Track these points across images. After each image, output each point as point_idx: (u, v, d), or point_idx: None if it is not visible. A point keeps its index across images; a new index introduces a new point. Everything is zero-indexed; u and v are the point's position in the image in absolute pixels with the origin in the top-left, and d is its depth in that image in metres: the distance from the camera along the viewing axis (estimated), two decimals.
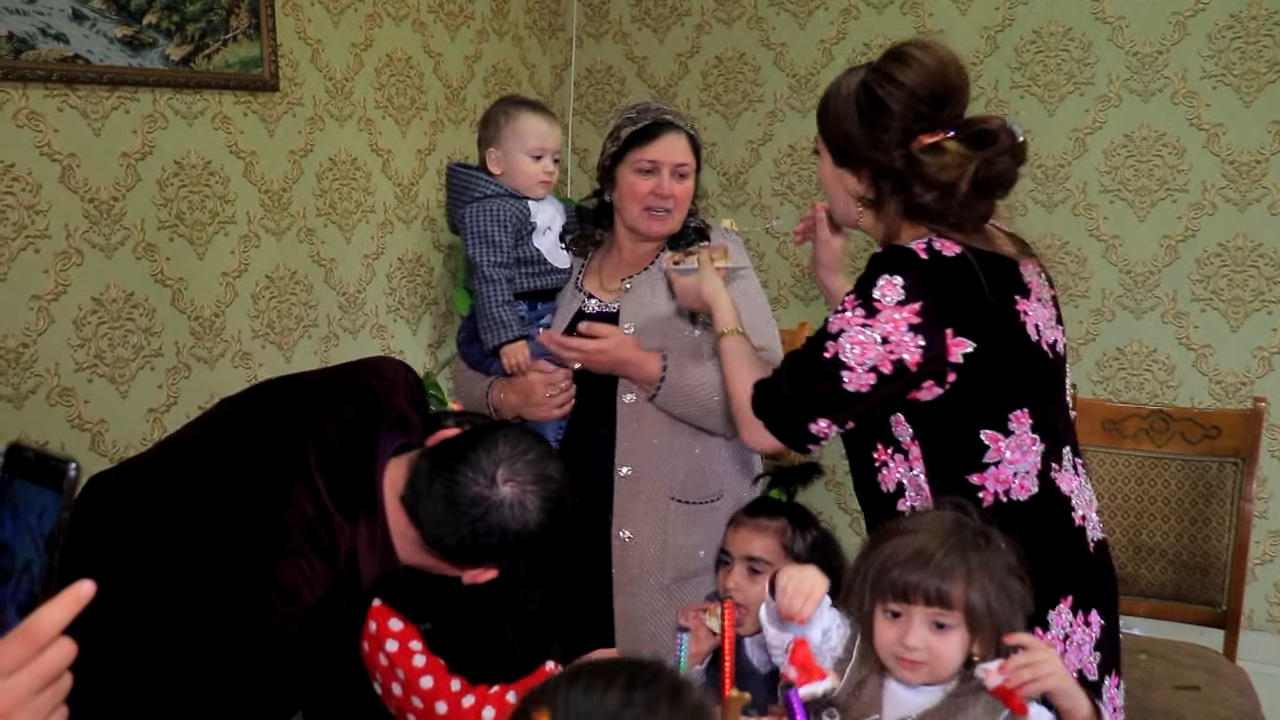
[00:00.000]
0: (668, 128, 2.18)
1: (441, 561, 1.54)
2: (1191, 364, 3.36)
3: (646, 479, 2.15)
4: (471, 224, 2.15)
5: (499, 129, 2.20)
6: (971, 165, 1.56)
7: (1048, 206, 3.47)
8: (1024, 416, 1.59)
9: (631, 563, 2.16)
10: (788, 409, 1.63)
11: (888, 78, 1.60)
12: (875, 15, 3.61)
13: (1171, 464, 2.59)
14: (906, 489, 1.65)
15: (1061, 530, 1.64)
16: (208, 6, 2.75)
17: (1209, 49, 3.21)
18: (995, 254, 1.61)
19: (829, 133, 1.70)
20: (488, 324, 2.16)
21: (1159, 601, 2.58)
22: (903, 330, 1.54)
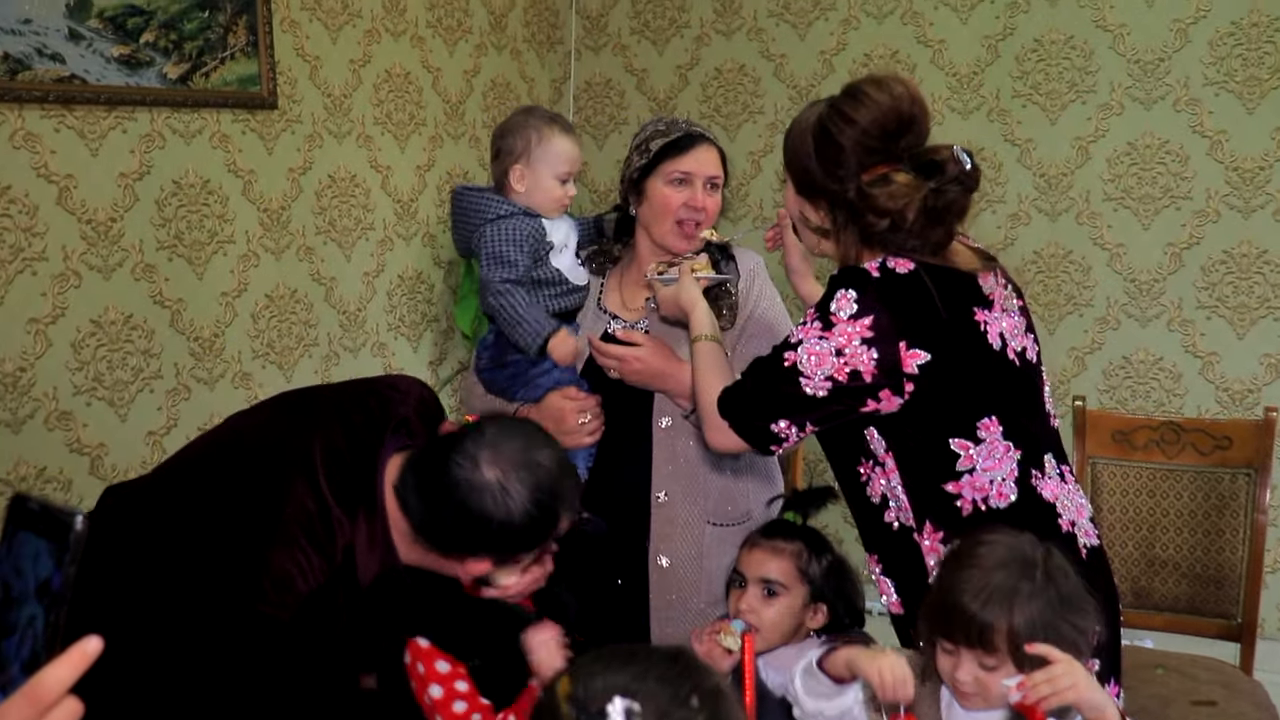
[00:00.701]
0: (700, 140, 2.17)
1: (433, 553, 1.54)
2: (1198, 371, 3.34)
3: (682, 503, 2.13)
4: (488, 244, 2.10)
5: (529, 146, 2.13)
6: (920, 194, 1.63)
7: (1051, 215, 3.45)
8: (993, 424, 1.64)
9: (669, 589, 2.14)
10: (751, 409, 1.70)
11: (841, 115, 1.67)
12: (875, 26, 3.60)
13: (1183, 476, 2.56)
14: (890, 500, 1.70)
15: (1048, 537, 1.64)
16: (205, 24, 2.73)
17: (1211, 56, 3.20)
18: (950, 268, 1.66)
19: (789, 164, 1.78)
20: (521, 330, 2.09)
21: (1173, 615, 2.56)
22: (855, 343, 1.60)
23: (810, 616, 1.82)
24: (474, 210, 2.15)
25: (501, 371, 2.20)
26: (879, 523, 1.73)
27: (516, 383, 2.18)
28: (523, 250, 2.10)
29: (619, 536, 2.11)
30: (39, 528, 0.75)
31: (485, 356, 2.22)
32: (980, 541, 1.50)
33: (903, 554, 1.71)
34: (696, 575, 2.14)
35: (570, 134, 2.18)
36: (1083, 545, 1.70)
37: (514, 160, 2.13)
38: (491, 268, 2.10)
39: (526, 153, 2.14)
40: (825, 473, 3.70)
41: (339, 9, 3.15)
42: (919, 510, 1.67)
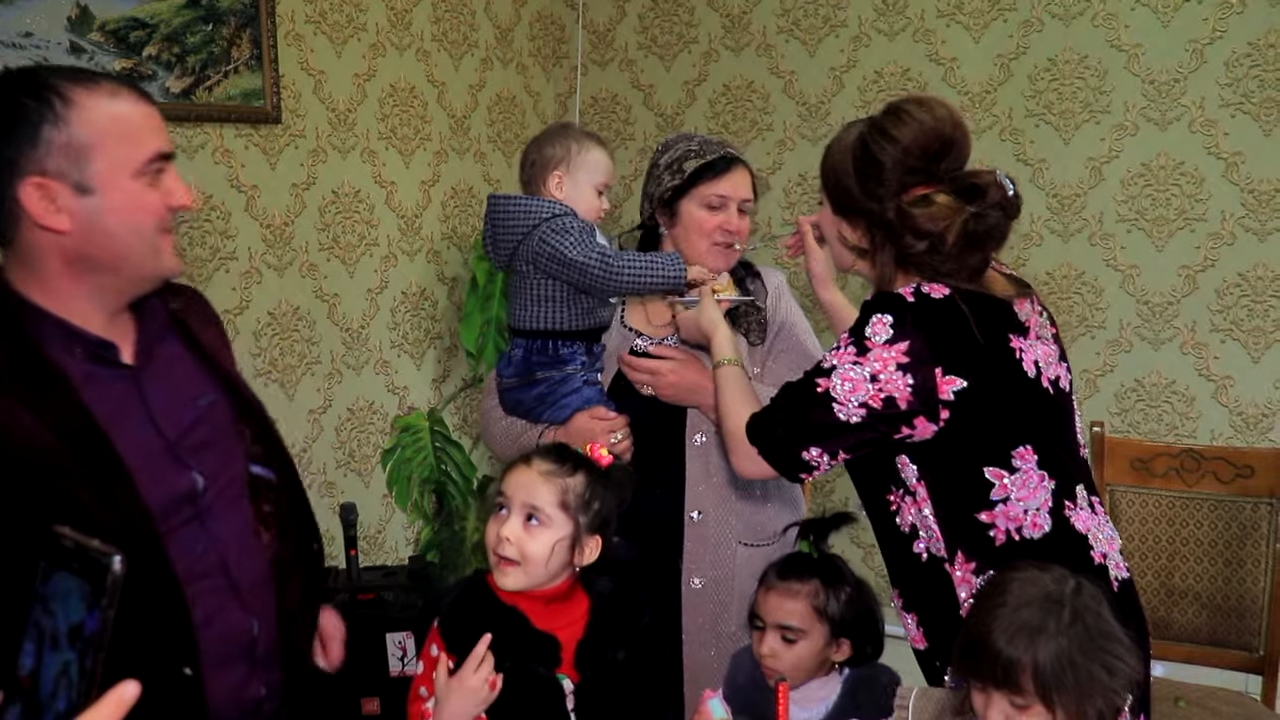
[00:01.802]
0: (735, 163, 2.17)
1: None
2: (1211, 395, 3.30)
3: (715, 523, 2.11)
4: (563, 235, 2.01)
5: (570, 154, 2.10)
6: (960, 217, 1.60)
7: (1064, 236, 3.41)
8: (1028, 453, 1.61)
9: (702, 611, 2.12)
10: (782, 436, 1.68)
11: (883, 133, 1.66)
12: (886, 43, 3.56)
13: (1203, 504, 2.51)
14: (920, 531, 1.67)
15: (1080, 569, 1.60)
16: (208, 38, 2.69)
17: (1227, 77, 3.16)
18: (986, 294, 1.64)
19: (827, 183, 1.76)
20: (659, 271, 2.03)
21: (1193, 646, 2.50)
22: (891, 369, 1.58)
23: (834, 651, 1.77)
24: (522, 213, 2.06)
25: (529, 391, 2.13)
26: (907, 553, 1.69)
27: (544, 403, 2.13)
28: (593, 238, 2.05)
29: (652, 558, 2.09)
30: (73, 566, 0.71)
31: (510, 373, 2.13)
32: (1010, 577, 1.45)
33: (931, 585, 1.67)
34: (728, 597, 2.11)
35: (607, 149, 2.18)
36: (1114, 578, 1.67)
37: (554, 167, 2.09)
38: (584, 249, 2.01)
39: (567, 159, 2.10)
40: (834, 494, 3.66)
41: (344, 22, 3.11)
42: (951, 540, 1.63)
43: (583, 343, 2.11)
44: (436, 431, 3.25)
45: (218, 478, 1.47)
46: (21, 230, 1.33)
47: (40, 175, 1.30)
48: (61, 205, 1.32)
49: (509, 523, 1.63)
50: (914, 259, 1.64)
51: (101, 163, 1.32)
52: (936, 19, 3.49)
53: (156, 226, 1.39)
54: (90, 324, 1.39)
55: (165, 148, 1.40)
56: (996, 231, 1.64)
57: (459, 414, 3.62)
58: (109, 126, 1.33)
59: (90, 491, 1.31)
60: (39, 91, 1.31)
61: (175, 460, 1.42)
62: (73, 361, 1.36)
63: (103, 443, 1.34)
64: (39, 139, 1.30)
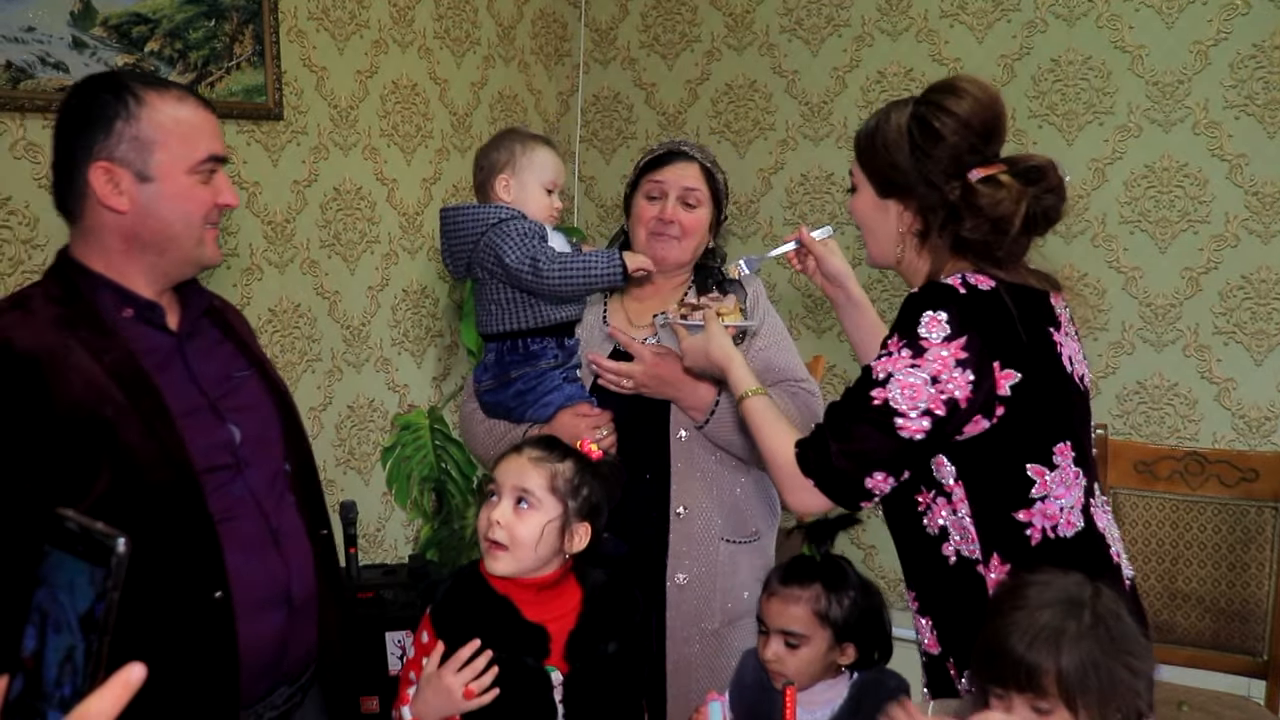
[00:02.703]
0: (680, 155, 2.16)
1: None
2: (1214, 398, 3.29)
3: (698, 519, 2.10)
4: (504, 240, 2.00)
5: (514, 157, 2.09)
6: (1025, 201, 1.56)
7: (1066, 237, 3.40)
8: (1067, 449, 1.58)
9: (686, 608, 2.10)
10: (840, 466, 1.56)
11: (941, 108, 1.59)
12: (890, 43, 3.55)
13: (1207, 508, 2.50)
14: (951, 532, 1.61)
15: (1105, 568, 1.62)
16: (211, 34, 2.68)
17: (1231, 79, 3.16)
18: (1027, 286, 1.60)
19: (875, 164, 1.67)
20: (595, 270, 1.99)
21: (1196, 650, 2.49)
22: (951, 366, 1.51)
23: (839, 655, 1.76)
24: (471, 222, 2.05)
25: (506, 390, 2.12)
26: (934, 555, 1.62)
27: (525, 401, 2.11)
28: (536, 241, 2.03)
29: (637, 554, 2.06)
30: (77, 549, 0.70)
31: (486, 378, 2.13)
32: (1027, 581, 1.43)
33: (959, 589, 1.61)
34: (711, 593, 2.10)
35: (554, 148, 2.14)
36: (1126, 577, 1.66)
37: (500, 171, 2.07)
38: (521, 254, 1.98)
39: (512, 162, 2.08)
40: None
41: (346, 19, 3.10)
42: (987, 541, 1.58)
43: (552, 338, 2.10)
44: (436, 430, 3.24)
45: (253, 436, 1.61)
46: (87, 208, 1.50)
47: (109, 161, 1.47)
48: (123, 189, 1.48)
49: (499, 507, 1.64)
50: (970, 243, 1.58)
51: (162, 156, 1.49)
52: (940, 19, 3.48)
53: (203, 218, 1.54)
54: (141, 294, 1.55)
55: (219, 151, 1.57)
56: (1053, 213, 1.60)
57: (459, 412, 3.60)
58: (172, 126, 1.50)
59: (136, 430, 1.44)
60: (117, 90, 1.49)
61: (215, 414, 1.57)
62: (124, 321, 1.52)
63: (151, 388, 1.49)
64: (112, 130, 1.47)
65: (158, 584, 1.44)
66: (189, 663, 1.48)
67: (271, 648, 1.58)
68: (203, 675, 1.50)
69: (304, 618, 1.63)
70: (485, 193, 2.10)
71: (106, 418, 1.43)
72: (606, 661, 1.63)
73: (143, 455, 1.44)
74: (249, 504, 1.57)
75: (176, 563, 1.46)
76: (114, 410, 1.44)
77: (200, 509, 1.49)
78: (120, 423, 1.44)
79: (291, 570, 1.61)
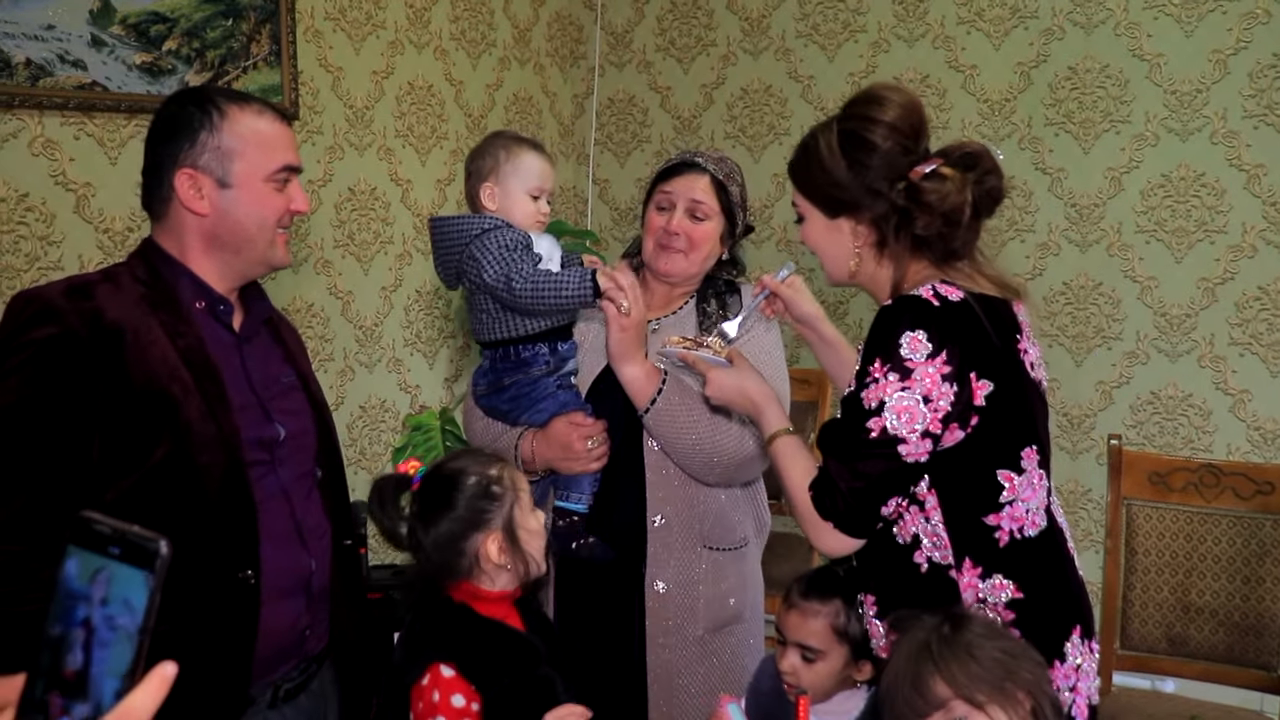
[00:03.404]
0: (691, 167, 2.13)
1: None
2: (1229, 409, 3.27)
3: (678, 528, 2.08)
4: (483, 253, 2.00)
5: (498, 163, 2.06)
6: (968, 187, 1.59)
7: (1081, 246, 3.39)
8: (1032, 454, 1.61)
9: (666, 615, 2.09)
10: (852, 504, 1.57)
11: (868, 119, 1.62)
12: (906, 49, 3.54)
13: (1222, 520, 2.49)
14: (923, 540, 1.62)
15: (1065, 561, 1.67)
16: (228, 33, 2.68)
17: (1250, 88, 3.14)
18: (991, 296, 1.62)
19: (816, 187, 1.68)
20: (566, 291, 1.96)
21: (1209, 664, 2.47)
22: (939, 383, 1.53)
23: (856, 671, 1.75)
24: (455, 232, 2.04)
25: (500, 395, 2.11)
26: (905, 563, 1.64)
27: (519, 406, 2.10)
28: (519, 252, 2.01)
29: (613, 562, 2.08)
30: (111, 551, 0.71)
31: (483, 383, 2.13)
32: (895, 643, 1.48)
33: (928, 595, 1.62)
34: (694, 601, 2.08)
35: (541, 152, 2.11)
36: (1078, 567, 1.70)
37: (484, 179, 2.06)
38: (499, 268, 1.97)
39: (495, 170, 2.06)
40: None
41: (363, 19, 3.10)
42: (959, 547, 1.60)
43: (545, 344, 2.08)
44: (448, 431, 3.24)
45: (292, 439, 1.71)
46: (171, 209, 1.63)
47: (192, 168, 1.60)
48: (205, 194, 1.61)
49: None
50: (929, 240, 1.61)
51: (241, 165, 1.61)
52: (957, 25, 3.47)
53: (276, 223, 1.66)
54: (215, 288, 1.67)
55: (294, 162, 1.68)
56: (996, 193, 1.62)
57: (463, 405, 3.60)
58: (252, 137, 1.62)
59: (197, 411, 1.56)
60: (203, 103, 1.62)
61: (264, 412, 1.68)
62: (196, 311, 1.64)
63: (215, 376, 1.60)
64: (197, 140, 1.60)
65: (194, 559, 1.53)
66: (212, 637, 1.57)
67: (290, 634, 1.67)
68: (222, 651, 1.59)
69: (322, 608, 1.73)
70: (473, 202, 2.10)
71: (173, 394, 1.55)
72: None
73: (198, 435, 1.56)
74: (279, 498, 1.66)
75: (214, 541, 1.57)
76: (180, 389, 1.56)
77: (244, 492, 1.60)
78: (184, 401, 1.55)
79: (314, 563, 1.70)
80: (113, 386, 1.52)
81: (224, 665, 1.60)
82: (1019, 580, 1.58)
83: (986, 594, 1.58)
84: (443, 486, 1.68)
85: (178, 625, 1.50)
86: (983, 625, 1.44)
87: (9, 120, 2.28)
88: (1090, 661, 1.66)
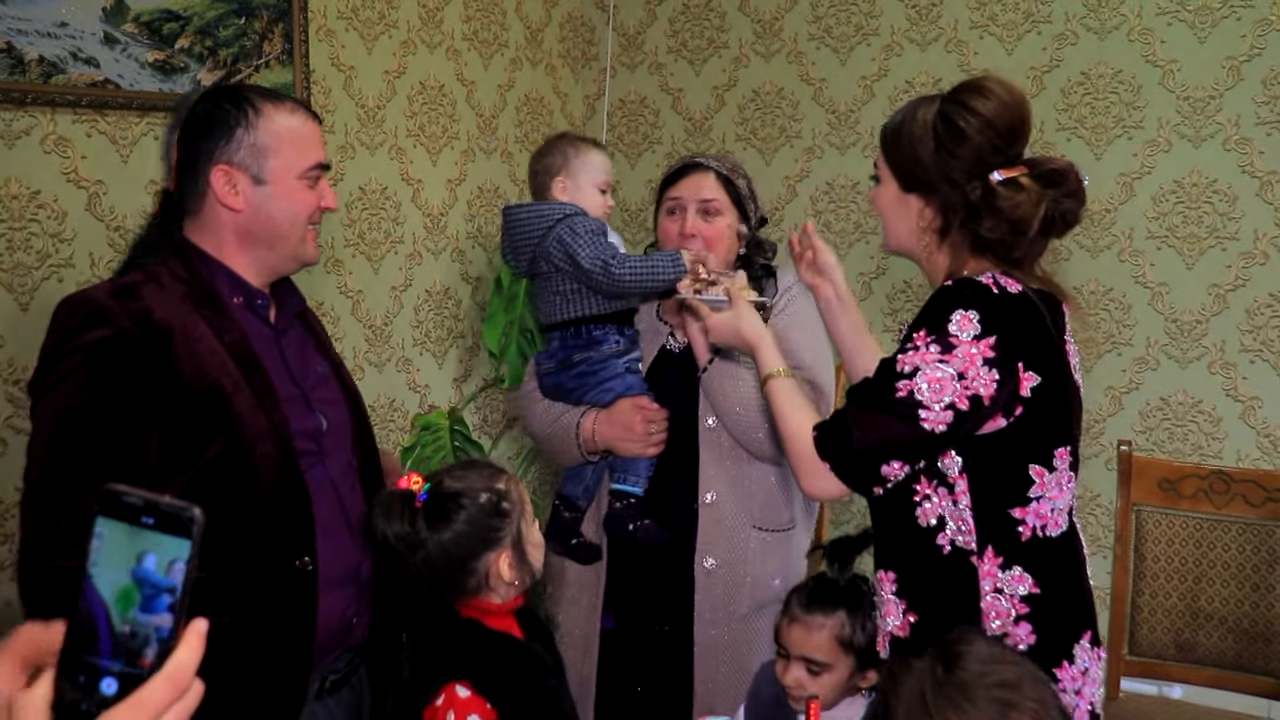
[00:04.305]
0: (694, 168, 2.21)
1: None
2: (1239, 416, 3.26)
3: (728, 506, 2.13)
4: (573, 237, 2.11)
5: (568, 160, 2.23)
6: (1044, 203, 1.58)
7: (1092, 251, 3.38)
8: (1065, 454, 1.62)
9: (714, 592, 2.14)
10: (859, 452, 1.58)
11: (967, 107, 1.61)
12: (919, 53, 3.53)
13: (1232, 527, 2.48)
14: (948, 522, 1.64)
15: (1081, 565, 1.70)
16: (241, 31, 2.69)
17: (1264, 95, 3.13)
18: (1047, 292, 1.63)
19: (899, 158, 1.70)
20: (660, 270, 2.08)
21: (1218, 670, 2.47)
22: (978, 364, 1.54)
23: (861, 679, 1.74)
24: (535, 219, 2.17)
25: (568, 372, 2.20)
26: (927, 544, 1.64)
27: (586, 384, 2.20)
28: (602, 239, 2.13)
29: (665, 543, 2.15)
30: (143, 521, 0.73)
31: (550, 363, 2.23)
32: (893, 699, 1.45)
33: (948, 577, 1.64)
34: (740, 579, 2.14)
35: (603, 150, 2.26)
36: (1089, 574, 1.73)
37: (555, 174, 2.21)
38: (593, 251, 2.11)
39: (566, 165, 2.21)
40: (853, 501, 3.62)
41: (375, 19, 3.10)
42: (983, 534, 1.61)
43: (614, 325, 2.16)
44: (457, 431, 3.23)
45: (333, 429, 1.76)
46: (206, 205, 1.67)
47: (228, 164, 1.64)
48: (240, 190, 1.65)
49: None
50: (991, 243, 1.61)
51: (276, 162, 1.65)
52: (969, 30, 3.47)
53: (307, 219, 1.71)
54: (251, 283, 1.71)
55: (324, 160, 1.73)
56: (1070, 217, 1.62)
57: (479, 413, 3.61)
58: (287, 135, 1.67)
59: (248, 403, 1.61)
60: (238, 101, 1.66)
61: (306, 403, 1.72)
62: (235, 306, 1.68)
63: (261, 368, 1.65)
64: (233, 137, 1.64)
65: (252, 550, 1.60)
66: (273, 627, 1.61)
67: (341, 622, 1.71)
68: (284, 640, 1.63)
69: (367, 599, 1.78)
70: (543, 196, 2.24)
71: (224, 388, 1.59)
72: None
73: (251, 427, 1.60)
74: (328, 489, 1.71)
75: (271, 531, 1.62)
76: (231, 383, 1.60)
77: (298, 482, 1.64)
78: (235, 395, 1.60)
79: (361, 553, 1.75)
80: (166, 384, 1.55)
81: (285, 654, 1.64)
82: (1037, 576, 1.60)
83: (1004, 585, 1.59)
84: (451, 504, 1.66)
85: (240, 617, 1.57)
86: (979, 656, 1.40)
87: (21, 118, 2.29)
88: (1097, 668, 1.67)
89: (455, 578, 1.64)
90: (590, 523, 2.23)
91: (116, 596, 0.72)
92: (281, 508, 1.63)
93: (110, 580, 0.72)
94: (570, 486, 2.24)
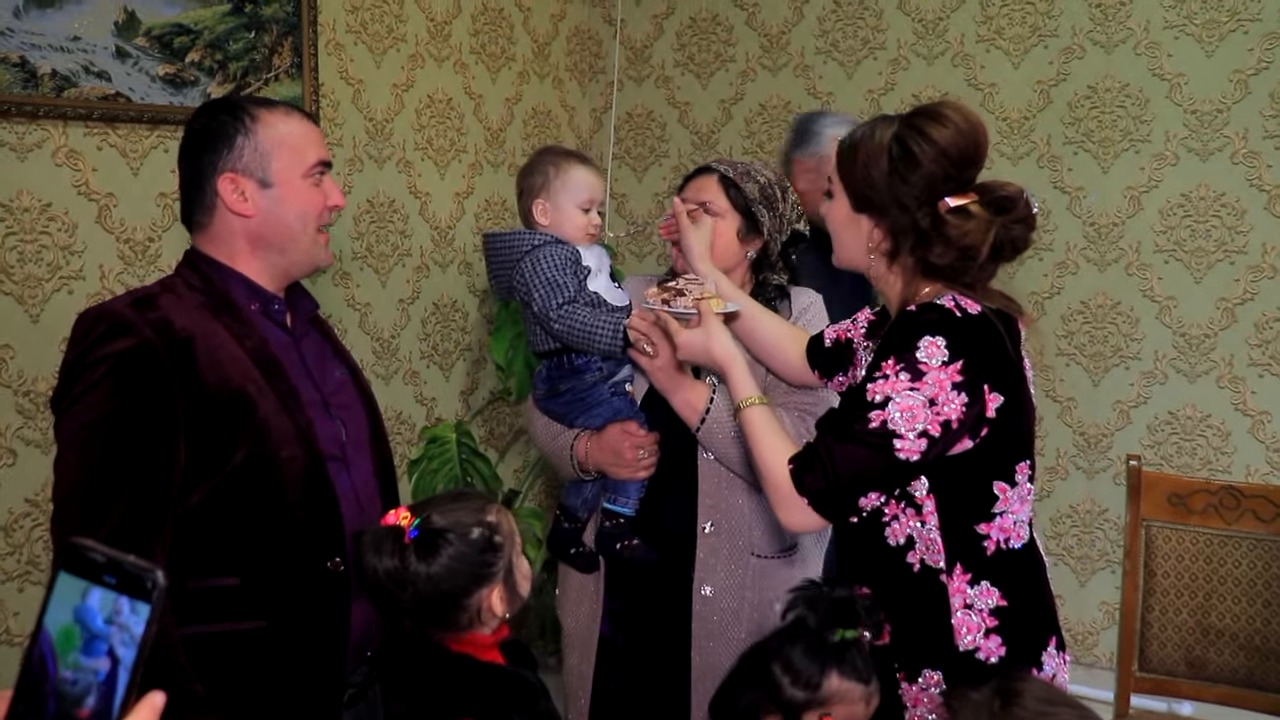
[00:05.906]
0: (701, 171, 2.20)
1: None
2: (1247, 430, 3.25)
3: (728, 535, 2.12)
4: (532, 274, 2.06)
5: (548, 179, 2.14)
6: (993, 230, 1.59)
7: (1100, 265, 3.38)
8: (1026, 468, 1.66)
9: (711, 618, 2.13)
10: (836, 486, 1.58)
11: (922, 134, 1.60)
12: (925, 67, 3.54)
13: (1243, 543, 2.47)
14: (916, 541, 1.65)
15: (1042, 573, 1.72)
16: (251, 45, 2.70)
17: (1272, 108, 3.13)
18: (1004, 311, 1.64)
19: (852, 177, 1.68)
20: (598, 336, 2.03)
21: (1229, 688, 2.45)
22: (948, 389, 1.55)
23: None
24: (507, 249, 2.12)
25: (557, 400, 2.18)
26: (897, 564, 1.66)
27: (574, 410, 2.17)
28: (566, 273, 2.07)
29: (663, 565, 2.13)
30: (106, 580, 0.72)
31: (542, 388, 2.20)
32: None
33: (918, 595, 1.65)
34: (739, 605, 2.12)
35: (589, 165, 2.18)
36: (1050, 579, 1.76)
37: (535, 196, 2.14)
38: (544, 296, 2.05)
39: (546, 186, 2.14)
40: None
41: (384, 33, 3.11)
42: (951, 553, 1.63)
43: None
44: (463, 443, 3.24)
45: (353, 435, 1.78)
46: (216, 215, 1.69)
47: (233, 172, 1.66)
48: (248, 195, 1.67)
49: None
50: (938, 268, 1.62)
51: (279, 164, 1.68)
52: (976, 44, 3.47)
53: (317, 220, 1.72)
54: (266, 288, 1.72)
55: (326, 157, 1.74)
56: (1020, 243, 1.63)
57: (486, 426, 3.61)
58: (286, 137, 1.69)
59: (273, 408, 1.63)
60: (234, 111, 1.69)
61: (327, 410, 1.74)
62: (252, 312, 1.70)
63: (284, 373, 1.67)
64: (234, 145, 1.66)
65: (283, 554, 1.62)
66: (308, 631, 1.62)
67: (365, 632, 1.72)
68: (319, 644, 1.65)
69: None
70: (526, 218, 2.18)
71: (248, 394, 1.60)
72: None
73: (276, 431, 1.62)
74: (351, 496, 1.72)
75: (300, 534, 1.64)
76: (255, 388, 1.62)
77: (325, 484, 1.66)
78: (259, 400, 1.61)
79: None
80: (190, 392, 1.57)
81: (322, 657, 1.65)
82: (1003, 589, 1.63)
83: (974, 600, 1.62)
84: (442, 540, 1.59)
85: (276, 621, 1.59)
86: (1035, 696, 1.36)
87: (33, 130, 2.29)
88: (1064, 674, 1.71)
89: (447, 614, 1.58)
90: (590, 532, 2.23)
91: (59, 637, 0.71)
92: (310, 510, 1.64)
93: (56, 620, 0.71)
94: (571, 498, 2.25)
